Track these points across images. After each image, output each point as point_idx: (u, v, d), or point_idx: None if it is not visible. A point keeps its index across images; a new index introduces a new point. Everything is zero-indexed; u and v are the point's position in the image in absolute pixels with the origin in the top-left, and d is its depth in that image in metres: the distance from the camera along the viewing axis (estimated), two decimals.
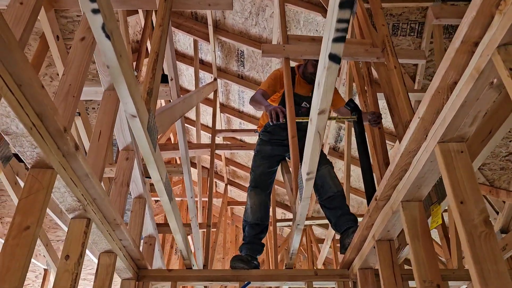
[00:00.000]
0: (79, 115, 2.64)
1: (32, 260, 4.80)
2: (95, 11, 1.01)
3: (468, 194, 1.21)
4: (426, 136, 1.40)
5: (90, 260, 4.36)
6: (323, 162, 2.80)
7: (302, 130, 2.85)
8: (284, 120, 2.28)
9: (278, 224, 5.77)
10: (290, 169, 2.76)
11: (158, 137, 4.71)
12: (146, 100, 1.50)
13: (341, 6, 0.99)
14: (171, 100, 2.55)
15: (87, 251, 3.54)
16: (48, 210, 3.72)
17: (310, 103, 2.81)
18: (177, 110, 2.07)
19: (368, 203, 2.16)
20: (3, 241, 1.47)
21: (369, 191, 2.26)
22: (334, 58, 1.13)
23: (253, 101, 2.72)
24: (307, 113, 2.78)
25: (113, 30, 1.09)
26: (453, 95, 1.20)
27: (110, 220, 1.97)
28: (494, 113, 1.52)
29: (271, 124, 2.45)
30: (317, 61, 2.67)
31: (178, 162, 6.60)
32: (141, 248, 3.10)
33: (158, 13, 1.78)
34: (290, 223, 6.33)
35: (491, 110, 1.54)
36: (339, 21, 1.03)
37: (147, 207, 2.81)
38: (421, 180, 1.52)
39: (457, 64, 1.15)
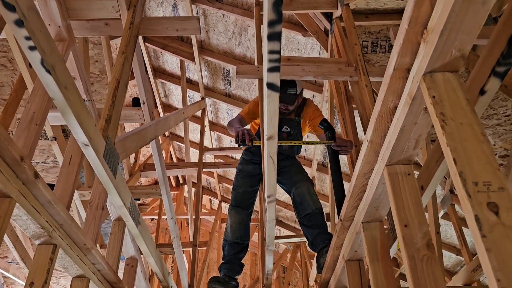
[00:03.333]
0: (55, 139, 2.67)
1: (22, 283, 4.79)
2: (31, 48, 1.03)
3: (413, 217, 1.22)
4: (377, 158, 1.41)
5: None
6: (304, 179, 2.81)
7: (281, 153, 2.88)
8: (250, 143, 2.27)
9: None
10: None
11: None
12: (104, 128, 1.52)
13: (270, 38, 1.02)
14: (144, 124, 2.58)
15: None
16: None
17: (291, 127, 2.84)
18: (147, 134, 2.09)
19: None
20: None
21: (340, 210, 2.26)
22: (272, 86, 1.15)
23: (228, 125, 2.74)
24: (287, 136, 2.79)
25: (55, 63, 1.12)
26: (394, 119, 1.22)
27: (80, 245, 1.98)
28: None
29: (237, 146, 2.43)
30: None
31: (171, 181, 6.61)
32: (122, 271, 3.10)
33: (122, 40, 1.82)
34: (285, 240, 6.30)
35: None
36: (270, 52, 1.05)
37: (127, 229, 2.81)
38: (378, 202, 1.53)
39: (395, 89, 1.17)
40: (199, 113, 5.06)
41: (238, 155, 5.76)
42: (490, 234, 0.75)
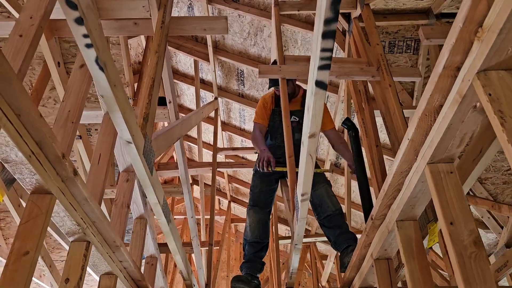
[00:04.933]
0: (80, 138, 2.69)
1: (37, 281, 4.81)
2: (88, 46, 1.05)
3: (458, 214, 1.23)
4: (417, 157, 1.42)
5: (94, 280, 4.37)
6: (321, 181, 2.80)
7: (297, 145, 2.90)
8: (270, 170, 2.55)
9: (283, 241, 5.71)
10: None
11: (161, 155, 4.69)
12: (142, 126, 1.54)
13: (324, 36, 1.03)
14: (169, 122, 2.60)
15: (91, 271, 3.59)
16: (51, 231, 3.75)
17: (299, 117, 2.94)
18: (175, 133, 2.11)
19: (366, 221, 2.17)
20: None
21: (367, 209, 2.27)
22: (320, 84, 1.16)
23: (253, 140, 2.98)
24: (297, 125, 2.92)
25: (107, 61, 1.14)
26: (439, 117, 1.23)
27: (109, 242, 1.99)
28: (484, 133, 1.54)
29: (258, 169, 2.73)
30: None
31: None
32: (142, 269, 3.12)
33: (155, 39, 1.83)
34: None
35: (481, 129, 1.56)
36: (323, 50, 1.06)
37: (148, 227, 2.82)
38: (414, 200, 1.53)
39: (442, 88, 1.18)
40: (211, 113, 5.07)
41: (248, 155, 5.77)
42: None
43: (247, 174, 6.33)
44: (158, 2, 2.00)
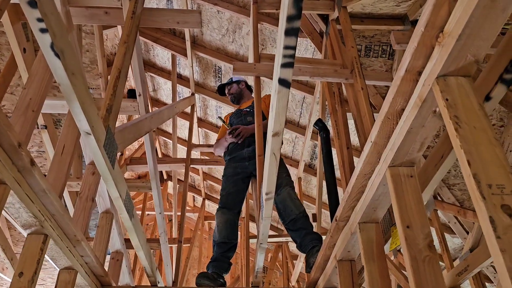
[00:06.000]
0: (46, 128, 2.61)
1: (0, 274, 4.67)
2: (43, 30, 1.01)
3: (415, 218, 1.24)
4: (379, 159, 1.43)
5: None
6: (283, 183, 2.78)
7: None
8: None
9: (254, 240, 5.69)
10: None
11: (135, 149, 4.63)
12: (105, 117, 1.50)
13: (287, 33, 1.02)
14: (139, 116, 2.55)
15: (53, 263, 3.49)
16: (15, 224, 3.64)
17: (250, 108, 3.29)
18: (143, 126, 2.07)
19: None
20: None
21: (333, 211, 2.28)
22: (283, 82, 1.15)
23: (216, 148, 3.44)
24: (249, 114, 3.27)
25: (64, 48, 1.09)
26: (401, 121, 1.23)
27: (70, 236, 1.94)
28: (446, 138, 1.56)
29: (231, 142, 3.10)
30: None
31: None
32: (107, 264, 3.06)
33: (124, 30, 1.79)
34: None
35: (444, 135, 1.58)
36: (286, 47, 1.05)
37: (114, 222, 2.77)
38: (376, 203, 1.54)
39: (404, 92, 1.18)
40: (187, 109, 5.02)
41: None
42: (504, 235, 0.77)
43: (222, 172, 6.28)
44: None
